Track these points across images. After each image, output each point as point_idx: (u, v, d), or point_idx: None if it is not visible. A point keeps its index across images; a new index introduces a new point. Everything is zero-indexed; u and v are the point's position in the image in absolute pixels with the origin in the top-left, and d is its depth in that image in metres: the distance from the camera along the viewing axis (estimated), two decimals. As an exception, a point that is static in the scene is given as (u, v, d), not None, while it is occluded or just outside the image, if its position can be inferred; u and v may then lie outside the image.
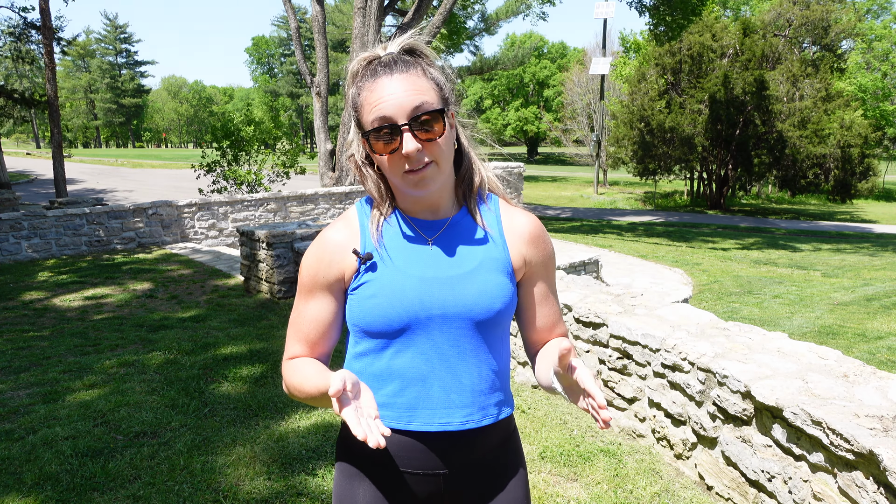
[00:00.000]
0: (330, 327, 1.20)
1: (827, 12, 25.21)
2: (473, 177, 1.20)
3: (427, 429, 1.14)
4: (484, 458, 1.20)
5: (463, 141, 1.19)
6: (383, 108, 1.05)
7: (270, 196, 12.07)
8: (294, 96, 70.76)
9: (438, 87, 1.10)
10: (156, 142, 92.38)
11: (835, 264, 11.88)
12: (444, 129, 1.08)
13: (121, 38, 76.91)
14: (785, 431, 2.30)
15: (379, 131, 1.06)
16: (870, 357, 5.59)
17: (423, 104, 1.05)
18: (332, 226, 1.21)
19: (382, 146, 1.07)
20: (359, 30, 13.23)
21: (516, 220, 1.21)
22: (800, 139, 21.89)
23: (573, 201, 25.98)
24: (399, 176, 1.09)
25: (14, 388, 4.17)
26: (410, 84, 1.06)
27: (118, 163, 38.67)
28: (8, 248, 9.32)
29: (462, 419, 1.15)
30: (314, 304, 1.19)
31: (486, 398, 1.17)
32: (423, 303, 1.12)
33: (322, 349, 1.22)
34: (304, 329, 1.20)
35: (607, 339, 3.51)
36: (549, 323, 1.25)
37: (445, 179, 1.13)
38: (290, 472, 2.95)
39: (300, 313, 1.21)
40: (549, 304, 1.25)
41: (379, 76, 1.07)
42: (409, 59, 1.09)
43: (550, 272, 1.25)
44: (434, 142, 1.07)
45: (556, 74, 59.91)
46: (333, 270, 1.16)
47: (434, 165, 1.08)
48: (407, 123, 1.04)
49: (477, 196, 1.21)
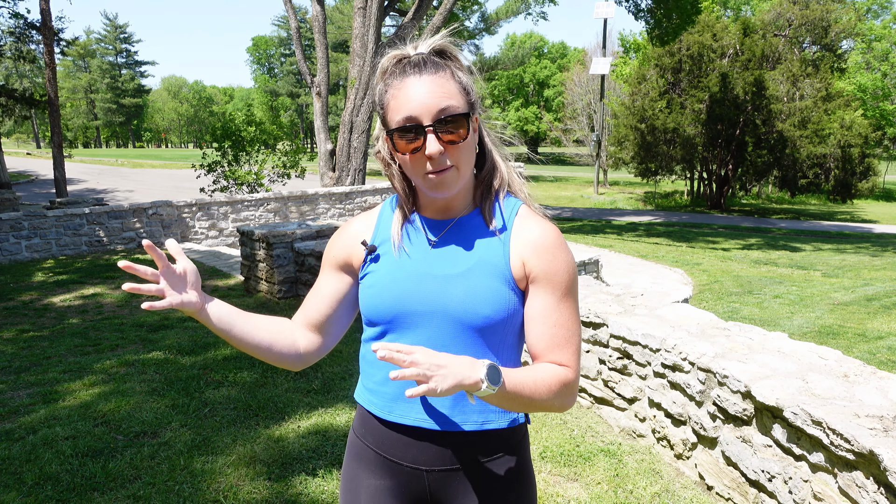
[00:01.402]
0: (328, 302, 1.27)
1: (827, 12, 25.20)
2: (493, 180, 1.19)
3: (403, 422, 1.16)
4: (473, 465, 1.16)
5: (487, 143, 1.19)
6: (410, 107, 1.05)
7: (270, 196, 12.07)
8: (294, 96, 70.80)
9: (465, 92, 1.10)
10: (156, 142, 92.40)
11: (835, 264, 11.88)
12: (467, 134, 1.08)
13: (121, 38, 76.97)
14: (785, 431, 2.30)
15: (403, 130, 1.06)
16: (870, 357, 5.59)
17: (450, 107, 1.05)
18: (357, 215, 1.31)
19: (405, 145, 1.07)
20: (359, 30, 13.23)
21: (528, 226, 1.16)
22: (800, 139, 21.88)
23: (573, 201, 25.98)
24: (420, 176, 1.10)
25: (14, 388, 4.17)
26: (438, 86, 1.06)
27: (118, 163, 38.68)
28: (8, 248, 9.32)
29: (438, 420, 1.14)
30: (322, 279, 1.29)
31: (472, 405, 1.14)
32: (412, 297, 1.13)
33: (318, 322, 1.27)
34: (308, 299, 1.30)
35: (607, 339, 3.51)
36: (543, 344, 1.13)
37: (465, 183, 1.14)
38: (290, 472, 2.95)
39: (312, 287, 1.31)
40: (549, 324, 1.13)
41: (408, 75, 1.07)
42: (439, 60, 1.09)
43: (558, 288, 1.13)
44: (457, 145, 1.07)
45: (556, 74, 59.96)
46: (343, 252, 1.25)
47: (454, 170, 1.08)
48: (432, 125, 1.05)
49: (494, 199, 1.19)
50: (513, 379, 1.04)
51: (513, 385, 1.04)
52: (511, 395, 1.04)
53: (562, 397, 1.11)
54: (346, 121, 13.59)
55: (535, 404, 1.09)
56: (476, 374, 0.98)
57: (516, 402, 1.06)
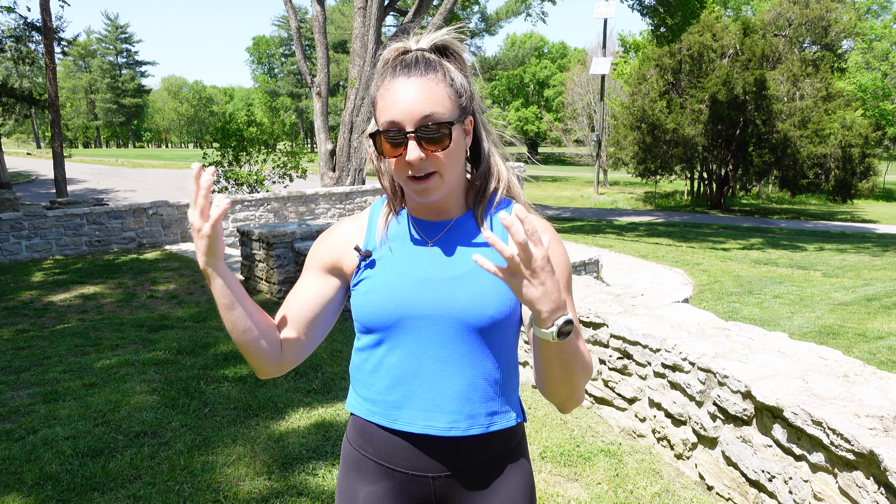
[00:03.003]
0: (311, 305, 1.19)
1: (827, 11, 25.20)
2: (489, 182, 1.17)
3: (410, 429, 1.13)
4: (477, 469, 1.15)
5: (484, 144, 1.16)
6: (393, 111, 1.03)
7: (270, 196, 12.07)
8: (294, 96, 70.80)
9: (457, 95, 1.07)
10: (156, 142, 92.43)
11: (835, 264, 11.88)
12: (450, 143, 1.05)
13: (121, 38, 76.98)
14: (785, 431, 2.30)
15: (387, 134, 1.05)
16: (870, 357, 5.59)
17: (433, 114, 1.03)
18: (345, 219, 1.26)
19: (389, 149, 1.06)
20: (359, 30, 13.24)
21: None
22: (800, 139, 21.88)
23: (573, 201, 25.98)
24: (402, 180, 1.08)
25: (14, 388, 4.17)
26: (425, 90, 1.03)
27: (119, 163, 38.68)
28: (8, 248, 9.33)
29: (446, 425, 1.12)
30: (304, 280, 1.23)
31: (476, 407, 1.13)
32: (414, 302, 1.11)
33: (299, 325, 1.19)
34: (289, 300, 1.23)
35: (607, 339, 3.51)
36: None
37: (452, 188, 1.12)
38: (290, 471, 2.95)
39: (293, 288, 1.25)
40: None
41: (397, 76, 1.05)
42: (434, 60, 1.06)
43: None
44: (438, 153, 1.05)
45: (556, 74, 59.97)
46: (331, 255, 1.21)
47: (437, 176, 1.06)
48: (413, 131, 1.03)
49: (489, 200, 1.17)
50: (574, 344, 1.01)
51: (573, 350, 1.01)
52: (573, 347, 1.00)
53: (585, 379, 1.08)
54: (346, 121, 13.59)
55: (575, 373, 1.04)
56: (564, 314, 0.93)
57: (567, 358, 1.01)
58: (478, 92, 1.14)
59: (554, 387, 1.06)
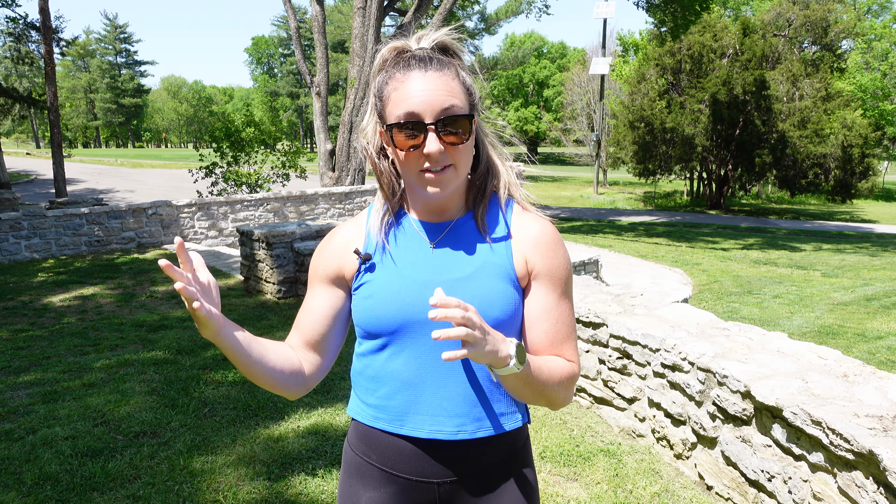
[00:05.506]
0: (323, 320, 1.19)
1: (827, 12, 25.21)
2: (488, 182, 1.17)
3: (417, 435, 1.11)
4: (483, 472, 1.15)
5: (483, 145, 1.17)
6: (412, 102, 1.02)
7: (270, 196, 12.07)
8: (294, 96, 70.77)
9: (468, 93, 1.08)
10: (156, 142, 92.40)
11: (835, 264, 11.88)
12: (468, 136, 1.06)
13: (121, 37, 76.90)
14: (785, 431, 2.30)
15: (404, 126, 1.03)
16: (870, 357, 5.59)
17: (453, 107, 1.03)
18: (343, 223, 1.24)
19: (404, 140, 1.04)
20: (359, 30, 13.23)
21: (527, 224, 1.15)
22: (800, 139, 21.88)
23: (573, 201, 25.98)
24: (415, 174, 1.07)
25: (14, 388, 4.17)
26: (443, 84, 1.03)
27: (118, 163, 38.66)
28: (8, 248, 9.32)
29: (453, 429, 1.11)
30: (312, 295, 1.21)
31: (482, 409, 1.12)
32: (417, 306, 1.09)
33: (316, 341, 1.19)
34: (301, 318, 1.22)
35: (607, 339, 3.51)
36: (546, 341, 1.13)
37: (461, 183, 1.12)
38: (290, 472, 2.95)
39: (303, 304, 1.24)
40: (551, 321, 1.12)
41: (412, 69, 1.04)
42: (445, 58, 1.07)
43: (559, 285, 1.13)
44: (457, 146, 1.05)
45: (556, 74, 59.95)
46: (333, 264, 1.19)
47: (452, 169, 1.06)
48: (433, 123, 1.02)
49: (489, 200, 1.17)
50: (534, 361, 1.04)
51: (535, 367, 1.04)
52: (530, 378, 1.03)
53: (566, 389, 1.12)
54: (345, 121, 13.59)
55: (546, 392, 1.08)
56: (507, 349, 0.97)
57: (531, 387, 1.05)
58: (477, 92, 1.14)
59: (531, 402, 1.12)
